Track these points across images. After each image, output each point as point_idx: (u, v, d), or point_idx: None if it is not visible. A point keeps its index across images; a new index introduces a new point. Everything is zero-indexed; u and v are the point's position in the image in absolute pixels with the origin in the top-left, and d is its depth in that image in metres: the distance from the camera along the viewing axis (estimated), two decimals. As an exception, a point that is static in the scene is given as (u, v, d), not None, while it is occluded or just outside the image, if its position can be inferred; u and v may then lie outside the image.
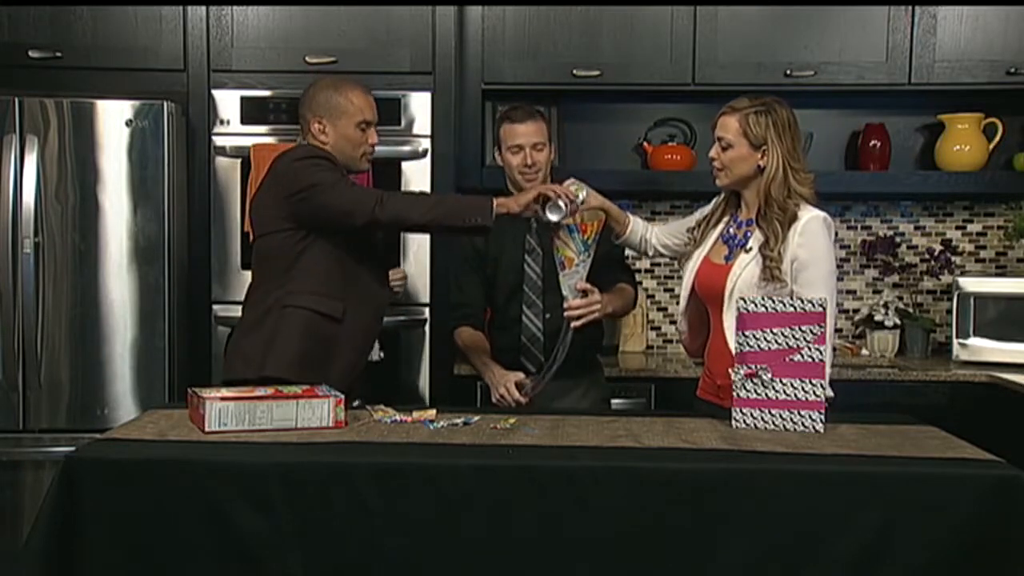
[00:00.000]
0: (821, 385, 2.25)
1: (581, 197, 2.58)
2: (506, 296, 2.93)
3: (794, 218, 2.44)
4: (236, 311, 2.86)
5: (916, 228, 4.05)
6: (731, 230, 2.57)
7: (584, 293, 2.62)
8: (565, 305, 2.63)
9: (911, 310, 3.95)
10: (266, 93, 3.44)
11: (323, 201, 2.52)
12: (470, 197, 2.71)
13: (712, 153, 2.54)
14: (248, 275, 2.76)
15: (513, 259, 2.93)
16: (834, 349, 2.57)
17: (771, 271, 2.42)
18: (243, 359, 2.58)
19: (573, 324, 2.63)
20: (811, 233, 2.43)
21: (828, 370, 2.36)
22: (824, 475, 1.98)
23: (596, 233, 2.59)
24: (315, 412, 2.25)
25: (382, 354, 2.76)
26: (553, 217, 2.54)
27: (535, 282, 2.91)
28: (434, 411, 2.45)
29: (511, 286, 2.92)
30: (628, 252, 3.01)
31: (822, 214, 2.47)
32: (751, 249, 2.48)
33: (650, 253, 2.82)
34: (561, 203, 2.52)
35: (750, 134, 2.47)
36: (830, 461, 2.03)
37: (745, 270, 2.47)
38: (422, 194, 3.20)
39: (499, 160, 2.95)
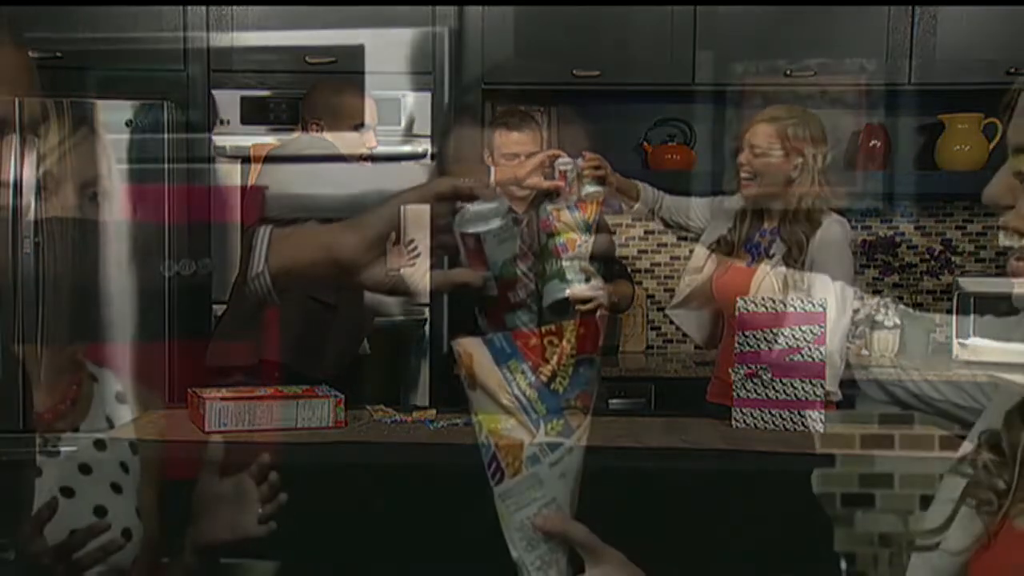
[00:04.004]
0: (821, 385, 2.25)
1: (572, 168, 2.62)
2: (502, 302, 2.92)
3: (817, 225, 2.45)
4: (236, 311, 2.86)
5: (916, 228, 4.05)
6: (755, 238, 2.57)
7: (587, 278, 2.62)
8: (568, 291, 2.62)
9: (911, 310, 3.95)
10: (266, 93, 3.44)
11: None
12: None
13: (742, 159, 2.51)
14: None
15: (507, 264, 2.91)
16: (847, 350, 2.57)
17: (794, 281, 2.43)
18: (245, 347, 2.58)
19: (579, 307, 2.61)
20: (826, 239, 2.45)
21: (839, 373, 2.38)
22: (823, 475, 1.98)
23: (595, 214, 2.58)
24: (315, 412, 2.25)
25: None
26: (565, 167, 2.57)
27: (530, 287, 2.89)
28: (434, 411, 2.45)
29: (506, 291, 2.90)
30: (624, 252, 3.02)
31: (839, 218, 2.48)
32: (773, 255, 2.48)
33: (660, 224, 2.92)
34: (566, 158, 2.56)
35: (787, 144, 2.46)
36: (829, 461, 2.03)
37: (767, 278, 2.47)
38: None
39: (489, 163, 2.91)
